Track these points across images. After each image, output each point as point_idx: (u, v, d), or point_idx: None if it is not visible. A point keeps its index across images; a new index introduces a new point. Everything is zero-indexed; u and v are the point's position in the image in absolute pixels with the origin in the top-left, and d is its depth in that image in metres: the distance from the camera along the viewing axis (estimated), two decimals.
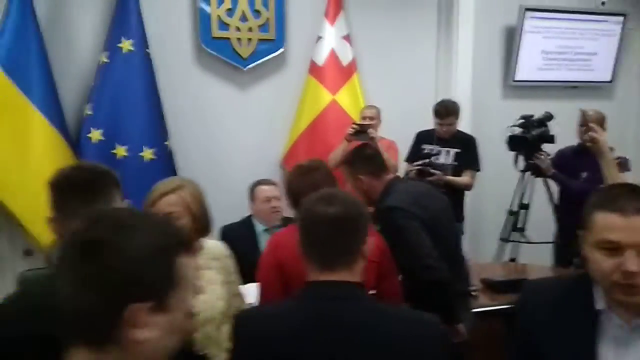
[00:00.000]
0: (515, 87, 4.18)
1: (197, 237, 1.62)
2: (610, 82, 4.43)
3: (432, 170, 3.04)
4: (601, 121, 3.04)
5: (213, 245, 1.71)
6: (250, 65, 3.58)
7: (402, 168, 3.37)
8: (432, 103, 3.78)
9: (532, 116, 3.00)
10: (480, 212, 3.91)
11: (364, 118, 3.36)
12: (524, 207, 3.15)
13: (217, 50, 3.52)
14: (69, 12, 3.25)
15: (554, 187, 3.17)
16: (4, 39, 2.95)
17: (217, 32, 3.49)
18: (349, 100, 3.71)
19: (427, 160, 3.10)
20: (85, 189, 1.19)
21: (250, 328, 1.15)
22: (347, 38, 3.70)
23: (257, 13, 3.55)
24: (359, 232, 1.16)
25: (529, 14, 4.03)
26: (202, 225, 1.59)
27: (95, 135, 3.19)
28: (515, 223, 3.16)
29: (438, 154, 3.18)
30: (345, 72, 3.70)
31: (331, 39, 3.65)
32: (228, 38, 3.52)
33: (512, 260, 3.20)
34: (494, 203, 3.77)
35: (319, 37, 3.67)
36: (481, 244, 3.89)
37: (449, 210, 1.98)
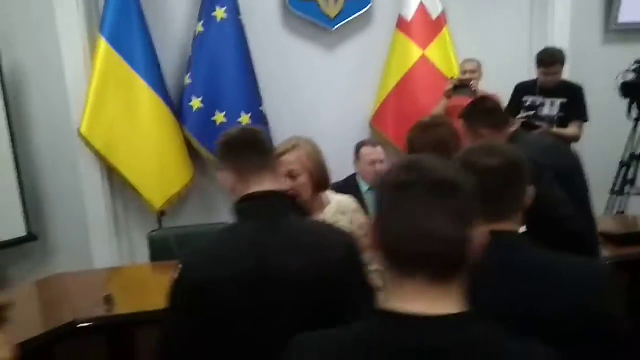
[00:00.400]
0: (619, 31, 3.88)
1: (317, 193, 1.68)
2: None
3: (537, 123, 2.92)
4: None
5: (340, 199, 1.75)
6: (338, 25, 3.56)
7: None
8: (527, 54, 3.60)
9: None
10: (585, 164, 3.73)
11: (464, 72, 3.26)
12: (637, 157, 2.98)
13: (305, 11, 3.51)
14: None
15: None
16: (109, 14, 3.10)
17: None
18: (440, 55, 3.60)
19: (531, 112, 2.98)
20: (262, 148, 1.29)
21: None
22: None
23: None
24: (522, 181, 1.15)
25: None
26: (320, 181, 1.65)
27: (196, 103, 3.32)
28: (626, 174, 3.00)
29: (542, 105, 3.05)
30: (434, 26, 3.58)
31: None
32: None
33: (621, 212, 3.06)
34: (599, 155, 3.58)
35: None
36: None
37: (579, 162, 1.91)
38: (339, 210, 1.72)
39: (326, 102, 3.69)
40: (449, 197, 0.72)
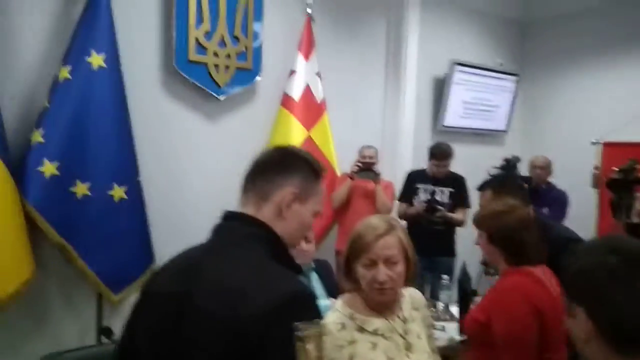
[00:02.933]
0: (444, 132, 4.57)
1: (408, 284, 1.39)
2: (504, 131, 5.16)
3: (439, 207, 3.13)
4: (549, 165, 3.58)
5: (410, 292, 1.46)
6: (227, 94, 3.24)
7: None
8: (380, 143, 3.91)
9: (510, 160, 3.34)
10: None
11: (363, 157, 3.33)
12: None
13: (193, 75, 3.10)
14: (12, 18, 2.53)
15: None
16: None
17: (194, 56, 3.07)
18: (321, 138, 3.60)
19: (430, 198, 3.19)
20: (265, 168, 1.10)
21: None
22: (319, 75, 3.60)
23: (235, 39, 3.24)
24: None
25: (456, 67, 4.50)
26: (413, 271, 1.37)
27: (50, 169, 2.48)
28: None
29: (434, 192, 3.28)
30: (318, 109, 3.59)
31: (306, 74, 3.52)
32: (205, 63, 3.13)
33: None
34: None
35: (292, 71, 3.51)
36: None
37: None
38: (413, 305, 1.43)
39: (207, 172, 3.25)
40: None
